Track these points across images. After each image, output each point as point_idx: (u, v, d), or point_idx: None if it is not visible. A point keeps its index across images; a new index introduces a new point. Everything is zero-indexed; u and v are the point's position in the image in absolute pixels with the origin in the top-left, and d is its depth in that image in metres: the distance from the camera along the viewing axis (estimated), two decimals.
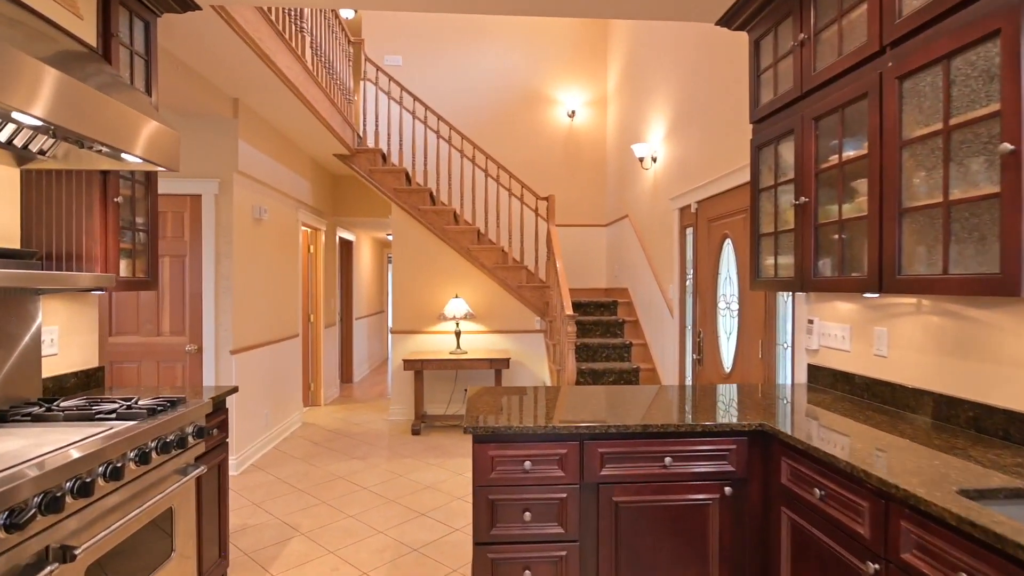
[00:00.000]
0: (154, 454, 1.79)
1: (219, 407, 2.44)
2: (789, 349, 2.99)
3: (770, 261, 2.50)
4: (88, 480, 1.44)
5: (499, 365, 5.20)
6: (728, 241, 3.65)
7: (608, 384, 5.09)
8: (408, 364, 5.18)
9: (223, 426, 2.48)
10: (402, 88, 5.86)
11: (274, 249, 4.86)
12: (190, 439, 2.03)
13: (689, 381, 4.28)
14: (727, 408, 2.14)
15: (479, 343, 5.84)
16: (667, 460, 1.91)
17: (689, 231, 4.32)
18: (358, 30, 7.93)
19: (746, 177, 3.33)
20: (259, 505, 3.46)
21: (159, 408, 1.95)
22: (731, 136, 3.58)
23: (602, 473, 1.91)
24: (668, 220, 4.73)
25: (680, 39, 4.48)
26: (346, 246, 7.96)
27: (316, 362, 6.33)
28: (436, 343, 5.82)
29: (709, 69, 3.91)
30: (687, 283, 4.37)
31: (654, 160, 5.10)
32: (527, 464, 1.88)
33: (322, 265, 6.37)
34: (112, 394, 2.39)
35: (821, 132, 2.14)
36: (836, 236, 2.06)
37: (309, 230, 6.20)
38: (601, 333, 5.60)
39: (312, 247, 6.27)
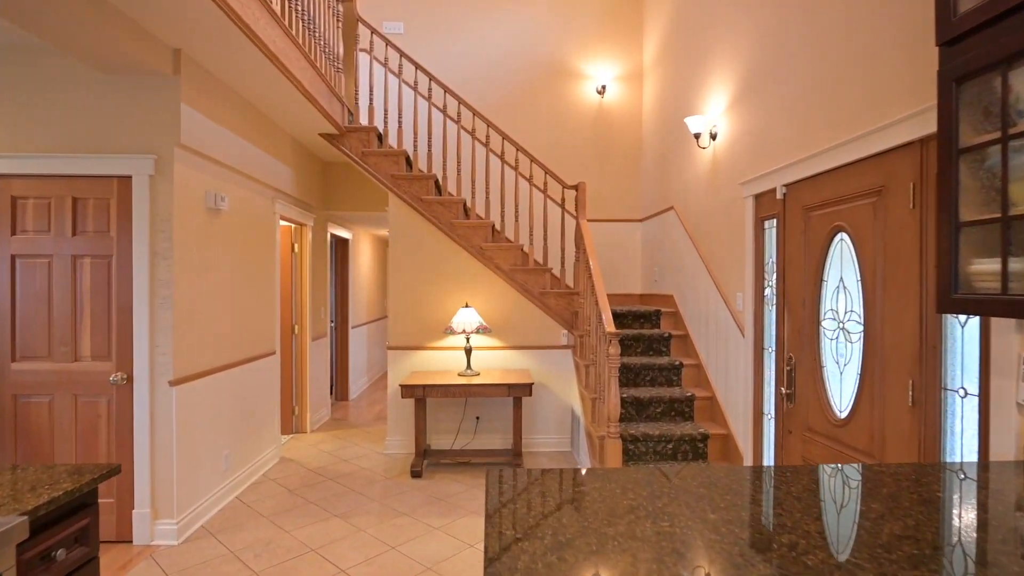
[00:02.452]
0: None
1: (70, 510, 1.48)
2: (971, 398, 1.98)
3: (987, 267, 1.50)
4: None
5: (519, 392, 4.21)
6: (842, 236, 2.65)
7: (656, 417, 4.09)
8: (406, 391, 4.19)
9: (83, 538, 1.52)
10: (402, 55, 4.89)
11: (240, 248, 3.91)
12: None
13: (771, 421, 3.27)
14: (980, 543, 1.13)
15: (494, 361, 4.86)
16: None
17: (770, 224, 3.32)
18: None
19: (874, 148, 2.32)
20: None
21: None
22: (841, 92, 2.58)
23: None
24: (736, 210, 3.72)
25: None
26: (341, 245, 7.02)
27: (301, 382, 5.38)
28: (442, 361, 4.85)
29: (803, 3, 2.90)
30: (766, 292, 3.37)
31: (713, 137, 4.09)
32: None
33: (309, 267, 5.42)
34: None
35: None
36: None
37: (292, 225, 5.25)
38: (643, 350, 4.60)
39: (296, 246, 5.32)
